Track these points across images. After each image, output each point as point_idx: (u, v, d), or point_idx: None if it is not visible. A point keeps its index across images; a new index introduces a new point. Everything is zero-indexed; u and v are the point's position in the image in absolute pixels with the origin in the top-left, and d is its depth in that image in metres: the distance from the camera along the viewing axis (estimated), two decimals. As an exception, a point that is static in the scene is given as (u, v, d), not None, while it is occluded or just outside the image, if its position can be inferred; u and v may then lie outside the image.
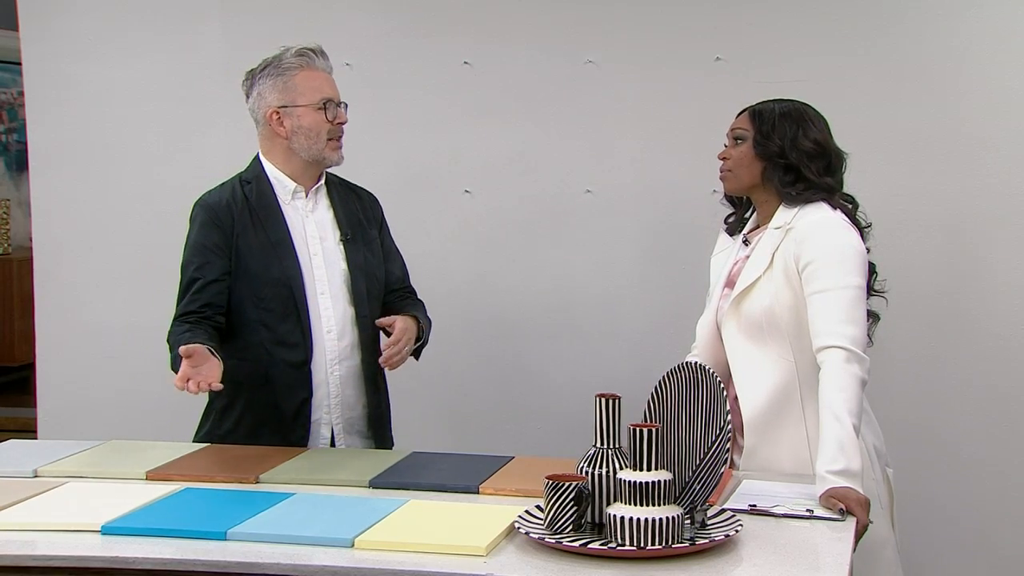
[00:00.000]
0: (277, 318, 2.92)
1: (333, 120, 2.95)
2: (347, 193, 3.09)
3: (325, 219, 3.02)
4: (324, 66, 2.99)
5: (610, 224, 3.83)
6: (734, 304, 2.70)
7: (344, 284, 2.98)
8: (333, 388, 2.96)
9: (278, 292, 2.91)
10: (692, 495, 2.21)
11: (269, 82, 2.95)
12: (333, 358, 2.95)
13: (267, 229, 2.94)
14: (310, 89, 2.93)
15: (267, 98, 2.95)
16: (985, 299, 3.60)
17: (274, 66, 2.95)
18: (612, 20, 3.79)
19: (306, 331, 2.91)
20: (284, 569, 2.07)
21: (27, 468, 2.65)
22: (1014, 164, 3.56)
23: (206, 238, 2.93)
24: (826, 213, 2.66)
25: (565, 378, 3.84)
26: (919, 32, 3.61)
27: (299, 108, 2.93)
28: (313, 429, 2.95)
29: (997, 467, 3.62)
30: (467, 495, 2.48)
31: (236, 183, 3.00)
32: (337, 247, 3.00)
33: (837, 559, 2.10)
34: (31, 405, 4.80)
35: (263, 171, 3.00)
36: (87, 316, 4.07)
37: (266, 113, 2.95)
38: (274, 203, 2.97)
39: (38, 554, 2.14)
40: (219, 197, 2.98)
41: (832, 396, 2.46)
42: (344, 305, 2.98)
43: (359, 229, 3.04)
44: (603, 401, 2.20)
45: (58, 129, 4.08)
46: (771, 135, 2.71)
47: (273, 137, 2.98)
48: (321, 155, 2.96)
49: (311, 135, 2.94)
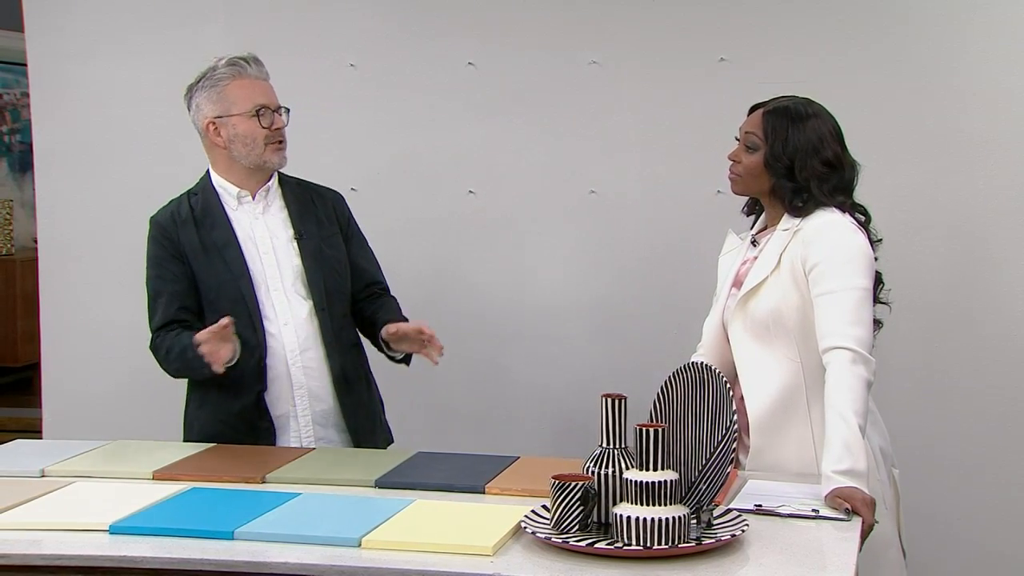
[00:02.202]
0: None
1: (269, 126, 2.99)
2: (305, 193, 3.14)
3: (277, 219, 3.07)
4: (257, 73, 3.03)
5: (614, 224, 3.83)
6: (740, 304, 2.70)
7: (298, 279, 3.03)
8: (296, 380, 3.00)
9: (227, 292, 2.98)
10: (698, 495, 2.21)
11: (204, 94, 3.01)
12: (293, 350, 3.00)
13: (212, 233, 3.01)
14: (242, 98, 2.99)
15: (203, 110, 3.01)
16: (991, 300, 3.60)
17: (207, 78, 3.02)
18: (616, 21, 3.80)
19: (258, 327, 2.97)
20: (291, 569, 2.08)
21: (34, 468, 2.66)
22: (1019, 164, 3.56)
23: (159, 251, 3.04)
24: (834, 215, 2.65)
25: (569, 378, 3.84)
26: (922, 32, 3.61)
27: (233, 117, 2.99)
28: (280, 423, 3.00)
29: (1003, 469, 3.62)
30: (473, 495, 2.48)
31: (184, 197, 3.09)
32: (290, 244, 3.05)
33: (843, 559, 2.10)
34: (34, 405, 4.81)
35: (210, 182, 3.08)
36: (92, 316, 4.07)
37: (203, 124, 3.02)
38: (219, 209, 3.04)
39: (46, 553, 2.15)
40: (166, 211, 3.08)
41: (838, 396, 2.46)
42: (299, 299, 3.02)
43: (316, 226, 3.08)
44: (609, 401, 2.21)
45: (63, 129, 4.08)
46: (782, 155, 2.67)
47: (213, 147, 3.05)
48: (261, 160, 3.01)
49: (248, 142, 2.99)
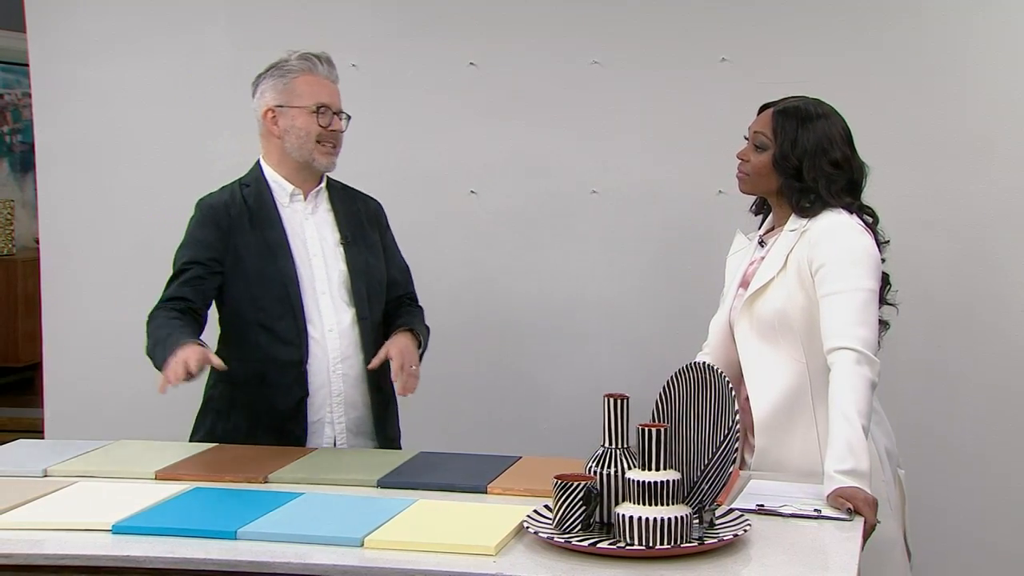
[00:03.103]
0: (273, 318, 2.94)
1: (327, 126, 2.97)
2: (349, 198, 3.12)
3: (325, 222, 3.04)
4: (327, 74, 3.02)
5: (616, 224, 3.83)
6: (747, 305, 2.71)
7: (344, 285, 3.01)
8: (335, 388, 2.97)
9: (274, 292, 2.94)
10: (700, 495, 2.21)
11: (270, 82, 3.00)
12: (336, 357, 2.97)
13: (264, 231, 2.97)
14: (307, 93, 2.97)
15: (266, 96, 2.99)
16: (996, 301, 3.60)
17: (277, 67, 3.00)
18: (617, 21, 3.80)
19: (302, 331, 2.93)
20: (294, 568, 2.08)
21: (37, 468, 2.66)
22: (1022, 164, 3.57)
23: (200, 234, 2.98)
24: (841, 216, 2.66)
25: (572, 378, 3.84)
26: (925, 32, 3.61)
27: (293, 109, 2.96)
28: (315, 429, 2.96)
29: (1010, 469, 3.62)
30: (475, 495, 2.49)
31: (236, 187, 3.04)
32: (336, 249, 3.02)
33: (845, 559, 2.10)
34: (35, 405, 4.81)
35: (262, 174, 3.04)
36: (94, 316, 4.07)
37: (263, 111, 3.00)
38: (272, 205, 3.00)
39: (49, 553, 2.15)
40: (218, 198, 3.03)
41: (842, 397, 2.46)
42: (344, 306, 3.00)
43: (360, 232, 3.07)
44: (611, 401, 2.21)
45: (65, 130, 4.08)
46: (790, 155, 2.68)
47: (269, 136, 3.02)
48: (310, 157, 2.98)
49: (301, 135, 2.96)
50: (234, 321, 2.97)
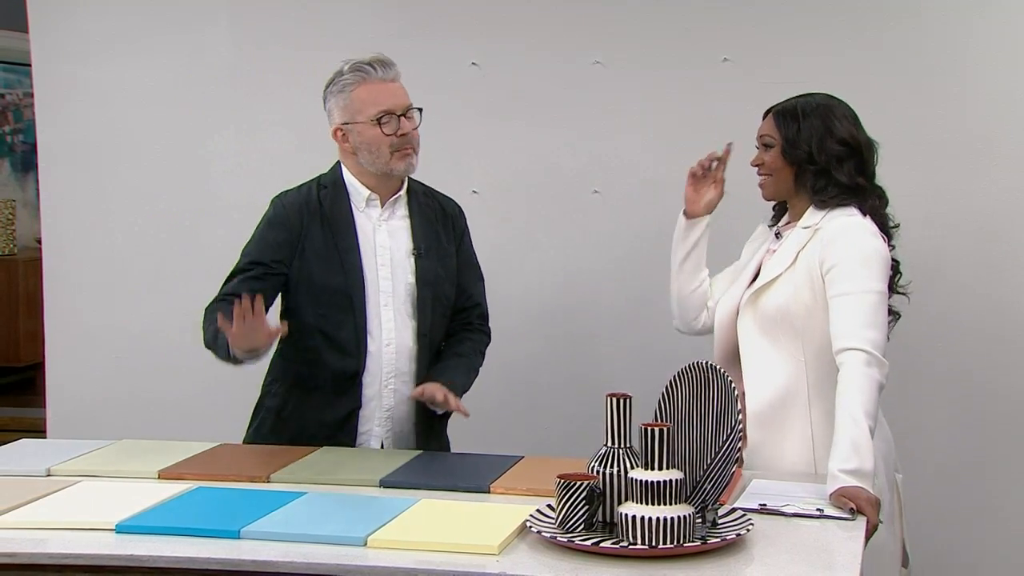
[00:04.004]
0: (334, 326, 2.90)
1: (394, 133, 2.88)
2: (429, 204, 3.05)
3: (399, 229, 2.98)
4: (383, 75, 2.91)
5: (617, 224, 3.83)
6: (752, 297, 2.72)
7: (409, 298, 2.95)
8: (386, 402, 2.94)
9: (337, 300, 2.90)
10: (703, 494, 2.22)
11: (333, 100, 2.93)
12: (390, 371, 2.93)
13: (336, 235, 2.92)
14: (366, 104, 2.88)
15: (333, 115, 2.93)
16: (997, 302, 3.60)
17: (335, 83, 2.93)
18: (619, 21, 3.80)
19: (362, 342, 2.89)
20: (297, 568, 2.08)
21: (40, 467, 2.66)
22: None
23: (270, 234, 2.94)
24: (855, 218, 2.67)
25: (573, 378, 3.84)
26: (926, 32, 3.61)
27: (358, 125, 2.89)
28: (361, 441, 2.94)
29: (1006, 474, 3.62)
30: (478, 494, 2.49)
31: (313, 186, 2.99)
32: (407, 259, 2.96)
33: (848, 558, 2.11)
34: (37, 405, 4.81)
35: (341, 177, 2.98)
36: (96, 316, 4.07)
37: (333, 131, 2.95)
38: (347, 210, 2.94)
39: (52, 552, 2.15)
40: (294, 198, 2.97)
41: (849, 397, 2.47)
42: (406, 319, 2.94)
43: (435, 241, 3.00)
44: (614, 400, 2.21)
45: (67, 130, 4.08)
46: (797, 141, 2.71)
47: (344, 152, 2.97)
48: (388, 168, 2.91)
49: (372, 150, 2.89)
50: (294, 323, 2.88)
